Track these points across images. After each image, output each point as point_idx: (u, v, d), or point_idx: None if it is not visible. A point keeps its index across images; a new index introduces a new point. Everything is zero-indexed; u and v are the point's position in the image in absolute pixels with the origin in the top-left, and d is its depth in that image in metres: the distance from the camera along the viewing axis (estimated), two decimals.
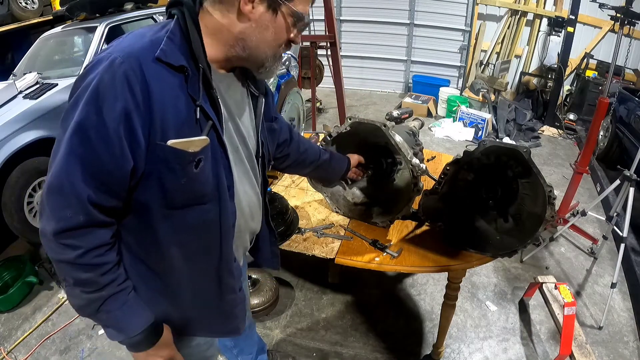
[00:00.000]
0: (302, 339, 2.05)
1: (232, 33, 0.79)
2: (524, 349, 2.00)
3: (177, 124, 0.75)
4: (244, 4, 0.76)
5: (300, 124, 2.33)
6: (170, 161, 0.75)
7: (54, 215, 0.72)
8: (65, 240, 0.73)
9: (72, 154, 0.70)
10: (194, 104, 0.77)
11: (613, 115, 3.77)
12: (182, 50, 0.76)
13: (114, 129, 0.70)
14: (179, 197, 0.80)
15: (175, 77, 0.75)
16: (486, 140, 1.23)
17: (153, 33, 0.77)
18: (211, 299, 0.95)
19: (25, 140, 2.47)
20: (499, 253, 1.31)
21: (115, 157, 0.71)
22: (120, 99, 0.70)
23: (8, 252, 2.75)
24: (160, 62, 0.73)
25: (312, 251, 1.41)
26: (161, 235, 0.82)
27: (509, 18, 5.20)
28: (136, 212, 0.80)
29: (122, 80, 0.70)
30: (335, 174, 1.42)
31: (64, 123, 0.72)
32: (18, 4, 4.20)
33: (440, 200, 1.42)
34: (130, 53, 0.71)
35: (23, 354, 2.02)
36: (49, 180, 0.72)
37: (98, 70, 0.70)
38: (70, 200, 0.71)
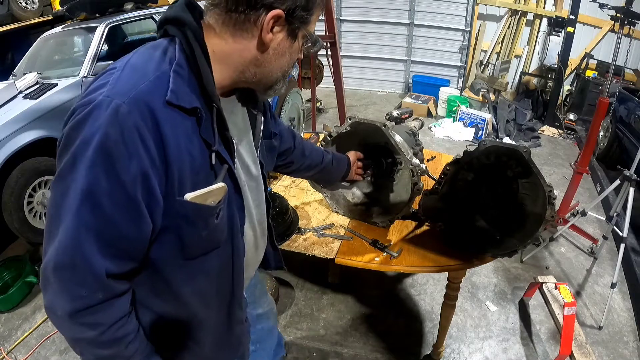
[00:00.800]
0: (302, 339, 2.05)
1: (244, 59, 0.72)
2: (524, 349, 1.99)
3: (193, 173, 0.68)
4: (265, 33, 0.69)
5: (300, 124, 2.34)
6: (191, 216, 0.69)
7: (67, 294, 0.63)
8: (82, 320, 0.64)
9: (83, 226, 0.61)
10: (208, 149, 0.69)
11: (613, 115, 3.77)
12: (192, 87, 0.68)
13: (131, 193, 0.61)
14: (198, 248, 0.74)
15: (187, 121, 0.66)
16: (486, 140, 1.23)
17: (155, 66, 0.66)
18: (222, 334, 0.92)
19: (25, 140, 2.48)
20: (499, 253, 1.31)
21: (134, 223, 0.64)
22: (134, 157, 0.60)
23: (8, 252, 2.75)
24: (171, 106, 0.64)
25: (312, 251, 1.41)
26: (176, 288, 0.76)
27: (509, 18, 5.20)
28: (149, 266, 0.72)
29: (133, 134, 0.59)
30: (337, 174, 1.40)
31: (60, 184, 0.62)
32: (18, 4, 4.20)
33: (440, 200, 1.42)
34: (137, 98, 0.61)
35: (23, 354, 2.02)
36: (54, 255, 0.62)
37: (98, 121, 0.59)
38: (85, 278, 0.62)
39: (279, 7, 0.68)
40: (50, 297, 0.64)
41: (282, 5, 0.68)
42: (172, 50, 0.69)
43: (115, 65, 0.67)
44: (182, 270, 0.75)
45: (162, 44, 0.70)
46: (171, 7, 0.72)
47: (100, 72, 0.68)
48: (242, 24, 0.68)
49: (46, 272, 0.63)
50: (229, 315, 0.90)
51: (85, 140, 0.59)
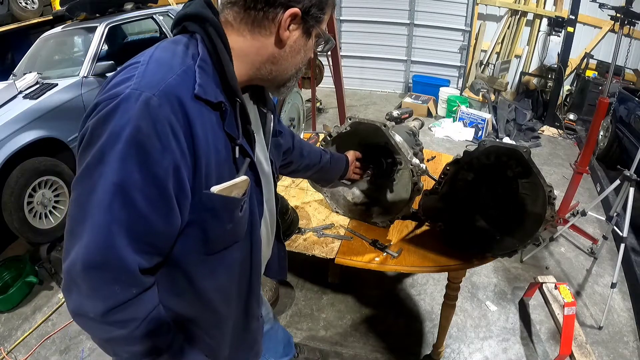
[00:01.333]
0: (302, 339, 2.05)
1: (262, 56, 0.73)
2: (524, 349, 1.99)
3: (218, 166, 0.68)
4: (283, 30, 0.70)
5: (300, 124, 2.33)
6: (218, 209, 0.70)
7: (98, 293, 0.61)
8: (115, 317, 0.63)
9: (115, 222, 0.59)
10: (231, 143, 0.71)
11: (613, 115, 3.77)
12: (216, 82, 0.68)
13: (163, 187, 0.60)
14: (221, 242, 0.75)
15: (212, 115, 0.67)
16: (486, 140, 1.23)
17: (180, 60, 0.66)
18: (239, 330, 0.92)
19: (25, 140, 2.48)
20: (499, 253, 1.31)
21: (166, 217, 0.63)
22: (167, 150, 0.59)
23: (8, 252, 2.75)
24: (199, 100, 0.64)
25: (312, 251, 1.41)
26: (198, 283, 0.76)
27: (509, 18, 5.20)
28: (170, 264, 0.72)
29: (165, 127, 0.59)
30: (335, 174, 1.41)
31: (86, 180, 0.60)
32: (18, 4, 4.20)
33: (440, 200, 1.42)
34: (167, 91, 0.60)
35: (23, 354, 2.02)
36: (83, 254, 0.59)
37: (128, 113, 0.58)
38: (119, 275, 0.61)
39: (295, 6, 0.69)
40: (79, 299, 0.62)
41: (299, 4, 0.70)
42: (194, 46, 0.69)
43: (138, 59, 0.67)
44: (204, 265, 0.75)
45: (182, 40, 0.70)
46: (188, 5, 0.72)
47: (121, 67, 0.67)
48: (261, 21, 0.70)
49: (72, 274, 0.61)
50: (246, 312, 0.91)
51: (115, 133, 0.57)
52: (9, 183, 2.34)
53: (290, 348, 1.60)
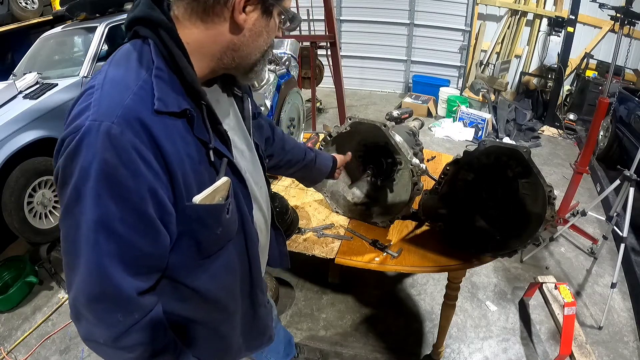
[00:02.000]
0: (302, 339, 2.05)
1: (220, 45, 0.69)
2: (524, 349, 1.99)
3: (196, 174, 0.67)
4: (238, 13, 0.66)
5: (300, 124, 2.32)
6: (204, 218, 0.69)
7: (103, 322, 0.64)
8: (123, 343, 0.65)
9: (104, 255, 0.60)
10: (204, 147, 0.69)
11: (613, 115, 3.77)
12: (175, 88, 0.65)
13: (142, 212, 0.61)
14: (214, 245, 0.75)
15: (179, 122, 0.65)
16: (486, 140, 1.23)
17: (134, 75, 0.63)
18: (248, 320, 0.93)
19: (25, 140, 2.48)
20: (499, 253, 1.31)
21: (153, 239, 0.64)
22: (138, 176, 0.59)
23: (8, 252, 2.75)
24: (160, 114, 0.62)
25: (312, 251, 1.41)
26: (200, 287, 0.76)
27: (509, 18, 5.19)
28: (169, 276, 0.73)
29: (130, 154, 0.58)
30: (320, 174, 1.34)
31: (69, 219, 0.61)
32: (18, 4, 4.20)
33: (440, 200, 1.42)
34: (126, 115, 0.58)
35: (23, 354, 2.02)
36: (83, 288, 0.62)
37: (93, 148, 0.57)
38: (118, 304, 0.63)
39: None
40: (88, 327, 0.65)
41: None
42: (148, 53, 0.65)
43: (92, 83, 0.64)
44: (202, 269, 0.75)
45: (135, 47, 0.67)
46: (136, 5, 0.68)
47: (80, 94, 0.65)
48: (212, 8, 0.65)
49: (77, 307, 0.64)
50: (253, 301, 0.92)
51: (84, 169, 0.58)
52: (9, 183, 2.34)
53: (290, 348, 1.60)
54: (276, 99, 1.78)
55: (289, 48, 2.24)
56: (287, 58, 2.10)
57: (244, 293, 0.89)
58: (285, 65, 2.03)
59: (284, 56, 2.11)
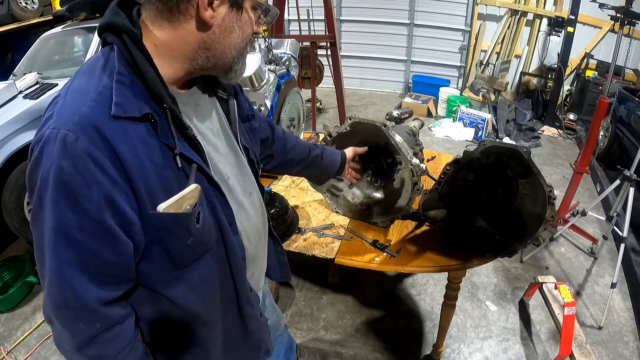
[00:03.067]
0: (302, 339, 2.05)
1: (191, 45, 0.67)
2: (524, 349, 1.99)
3: (161, 181, 0.65)
4: (203, 10, 0.64)
5: (300, 124, 2.32)
6: (171, 228, 0.67)
7: (68, 329, 0.65)
8: (88, 352, 0.65)
9: (64, 264, 0.60)
10: (171, 152, 0.66)
11: (613, 115, 3.77)
12: (138, 93, 0.64)
13: (100, 220, 0.60)
14: (188, 256, 0.72)
15: (142, 127, 0.63)
16: (486, 140, 1.23)
17: (96, 82, 0.62)
18: (238, 335, 0.90)
19: (25, 140, 2.47)
20: (499, 253, 1.31)
21: (112, 248, 0.62)
22: (93, 184, 0.58)
23: (8, 252, 2.75)
24: (119, 119, 0.61)
25: (312, 251, 1.41)
26: (177, 298, 0.73)
27: (509, 18, 5.20)
28: (143, 284, 0.71)
29: (85, 161, 0.57)
30: (328, 171, 1.30)
31: (36, 225, 0.62)
32: (18, 4, 4.20)
33: (440, 200, 1.42)
34: (81, 122, 0.58)
35: (23, 354, 2.02)
36: (47, 295, 0.63)
37: (51, 156, 0.58)
38: (80, 313, 0.63)
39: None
40: (57, 334, 0.67)
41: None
42: (112, 60, 0.65)
43: (59, 93, 0.65)
44: (180, 280, 0.73)
45: (102, 56, 0.67)
46: (105, 14, 0.67)
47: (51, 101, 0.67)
48: (177, 6, 0.64)
49: (46, 312, 0.65)
50: (241, 314, 0.88)
51: (44, 178, 0.59)
52: (9, 183, 2.34)
53: (291, 353, 1.61)
54: (276, 99, 1.78)
55: (289, 48, 2.24)
56: (287, 58, 2.10)
57: (229, 305, 0.85)
58: (285, 65, 2.03)
59: (284, 56, 2.11)
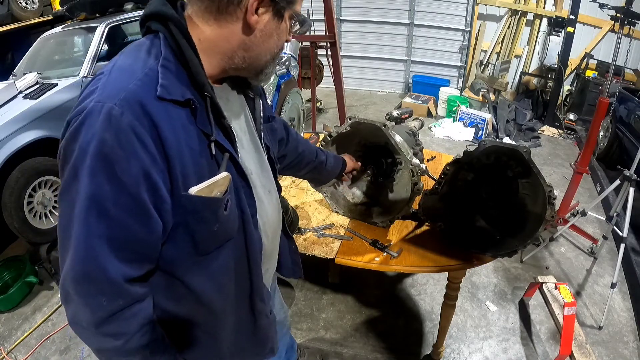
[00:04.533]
0: (302, 339, 2.05)
1: (232, 45, 0.71)
2: (524, 349, 1.99)
3: (195, 165, 0.67)
4: (250, 14, 0.67)
5: (300, 124, 2.33)
6: (200, 211, 0.68)
7: (88, 305, 0.63)
8: (107, 329, 0.65)
9: (93, 235, 0.61)
10: (207, 139, 0.69)
11: (613, 115, 3.77)
12: (182, 79, 0.67)
13: (135, 194, 0.61)
14: (211, 242, 0.74)
15: (182, 112, 0.66)
16: (486, 140, 1.23)
17: (142, 63, 0.65)
18: (247, 329, 0.91)
19: (25, 140, 2.48)
20: (499, 253, 1.31)
21: (144, 224, 0.63)
22: (133, 158, 0.59)
23: (8, 252, 2.75)
24: (163, 101, 0.63)
25: (312, 251, 1.41)
26: (195, 285, 0.75)
27: (509, 18, 5.19)
28: (163, 268, 0.72)
29: (129, 135, 0.59)
30: (330, 176, 1.39)
31: (66, 196, 0.62)
32: (18, 4, 4.20)
33: (440, 200, 1.42)
34: (128, 98, 0.60)
35: (23, 354, 2.02)
36: (70, 268, 0.62)
37: (93, 128, 0.59)
38: (103, 287, 0.62)
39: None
40: (74, 309, 0.65)
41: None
42: (158, 46, 0.68)
43: (102, 70, 0.67)
44: (199, 267, 0.74)
45: (146, 42, 0.69)
46: (150, 3, 0.70)
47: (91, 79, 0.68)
48: (226, 7, 0.67)
49: (65, 286, 0.64)
50: (252, 308, 0.89)
51: (83, 149, 0.59)
52: (9, 183, 2.34)
53: (292, 352, 1.61)
54: (276, 99, 1.79)
55: (289, 48, 2.24)
56: (287, 58, 2.10)
57: (242, 298, 0.86)
58: (285, 65, 2.03)
59: (284, 56, 2.12)
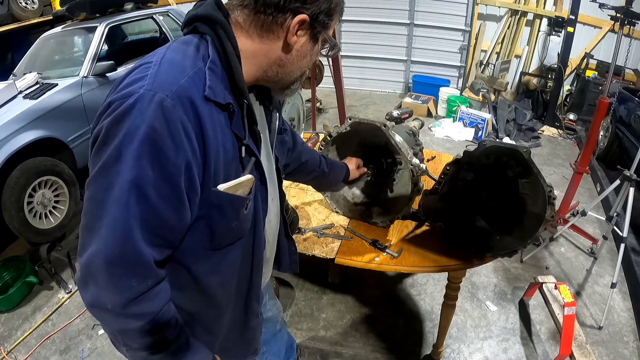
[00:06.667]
0: (302, 339, 2.05)
1: (269, 59, 0.75)
2: (524, 349, 1.99)
3: (225, 165, 0.71)
4: (291, 35, 0.72)
5: (300, 124, 2.33)
6: (224, 207, 0.72)
7: (117, 286, 0.64)
8: (132, 310, 0.66)
9: (132, 217, 0.62)
10: (238, 142, 0.73)
11: (613, 115, 3.77)
12: (224, 83, 0.71)
13: (176, 183, 0.64)
14: (227, 238, 0.77)
15: (221, 115, 0.70)
16: (486, 140, 1.23)
17: (191, 62, 0.68)
18: (238, 327, 0.94)
19: (25, 140, 2.48)
20: (499, 253, 1.31)
21: (178, 212, 0.66)
22: (180, 150, 0.62)
23: (8, 252, 2.75)
24: (208, 101, 0.67)
25: (312, 251, 1.41)
26: (203, 279, 0.78)
27: (509, 18, 5.19)
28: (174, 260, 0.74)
29: (178, 127, 0.62)
30: (332, 184, 1.44)
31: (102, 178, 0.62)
32: (18, 4, 4.20)
33: (440, 200, 1.42)
34: (180, 93, 0.63)
35: (23, 354, 2.02)
36: (102, 249, 0.62)
37: (144, 113, 0.60)
38: (135, 269, 0.64)
39: (304, 12, 0.72)
40: (97, 292, 0.65)
41: (307, 10, 0.72)
42: (205, 48, 0.71)
43: (150, 59, 0.68)
44: (208, 261, 0.77)
45: (193, 40, 0.72)
46: (199, 6, 0.74)
47: (134, 66, 0.69)
48: (270, 25, 0.72)
49: (91, 268, 0.63)
50: (246, 309, 0.92)
51: (131, 132, 0.60)
52: (9, 183, 2.34)
53: (291, 352, 1.61)
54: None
55: None
56: None
57: (240, 296, 0.89)
58: None
59: None
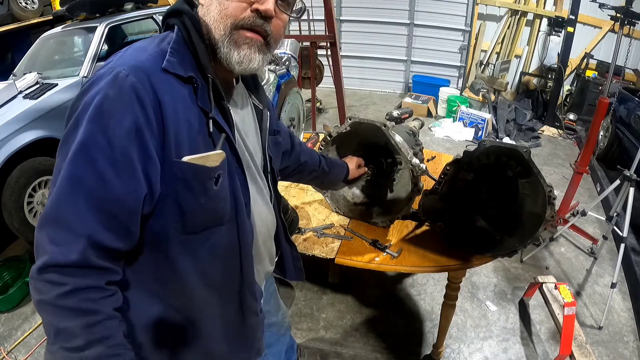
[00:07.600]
0: (302, 339, 2.05)
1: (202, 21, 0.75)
2: (524, 349, 1.99)
3: (191, 138, 0.70)
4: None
5: (300, 124, 2.33)
6: (189, 179, 0.69)
7: (43, 248, 0.61)
8: (48, 276, 0.60)
9: (73, 179, 0.61)
10: (205, 117, 0.72)
11: (613, 115, 3.77)
12: (188, 61, 0.72)
13: (123, 147, 0.63)
14: (199, 219, 0.74)
15: (184, 89, 0.70)
16: (486, 140, 1.23)
17: (155, 46, 0.72)
18: (234, 325, 0.89)
19: (25, 140, 2.48)
20: (499, 253, 1.31)
21: (126, 182, 0.63)
22: (129, 112, 0.63)
23: (8, 252, 2.75)
24: (167, 73, 0.68)
25: (312, 251, 1.41)
26: (181, 266, 0.75)
27: (509, 18, 5.20)
28: (151, 244, 0.72)
29: (129, 93, 0.63)
30: (332, 183, 1.43)
31: (64, 148, 0.64)
32: (18, 4, 4.20)
33: (440, 200, 1.42)
34: (136, 66, 0.66)
35: (23, 354, 2.02)
36: (44, 212, 0.62)
37: (100, 86, 0.64)
38: (64, 233, 0.61)
39: None
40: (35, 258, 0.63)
41: None
42: (170, 36, 0.74)
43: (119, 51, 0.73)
44: (184, 246, 0.74)
45: (162, 35, 0.76)
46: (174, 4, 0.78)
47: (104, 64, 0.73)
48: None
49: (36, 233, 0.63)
50: (241, 305, 0.88)
51: (87, 102, 0.64)
52: (9, 183, 2.34)
53: (292, 353, 1.61)
54: (276, 99, 1.79)
55: (289, 48, 2.24)
56: (287, 58, 2.10)
57: (231, 292, 0.85)
58: (285, 65, 2.03)
59: (284, 56, 2.12)
